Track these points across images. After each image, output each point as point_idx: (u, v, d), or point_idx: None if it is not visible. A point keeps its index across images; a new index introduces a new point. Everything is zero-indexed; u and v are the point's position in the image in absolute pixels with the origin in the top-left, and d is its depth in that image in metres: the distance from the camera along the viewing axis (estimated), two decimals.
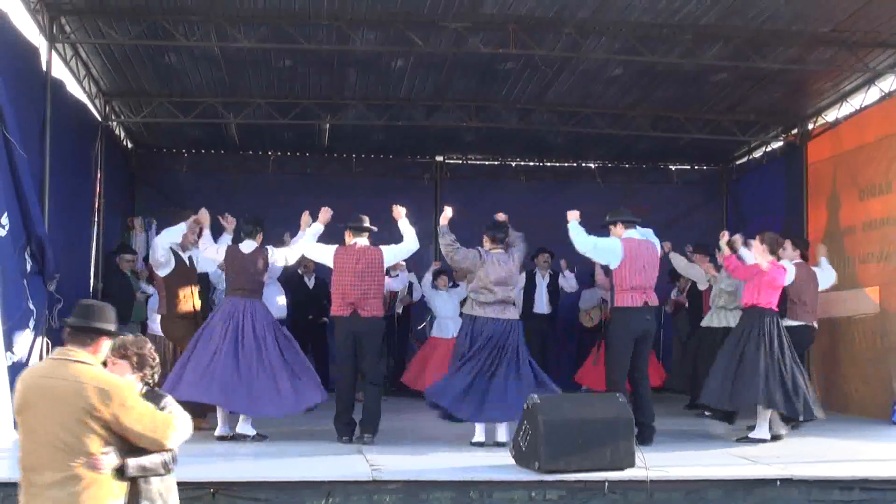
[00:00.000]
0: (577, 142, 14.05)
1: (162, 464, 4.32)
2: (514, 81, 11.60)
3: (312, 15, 9.54)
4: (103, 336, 4.30)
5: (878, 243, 10.50)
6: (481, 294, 8.13)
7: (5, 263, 7.78)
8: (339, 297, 8.31)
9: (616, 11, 9.34)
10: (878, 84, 11.07)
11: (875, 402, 10.44)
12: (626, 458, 6.77)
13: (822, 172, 12.02)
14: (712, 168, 15.46)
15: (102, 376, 4.17)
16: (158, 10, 9.44)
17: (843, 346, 11.13)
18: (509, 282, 8.19)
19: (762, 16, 9.37)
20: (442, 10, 9.39)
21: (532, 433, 6.73)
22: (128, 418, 4.11)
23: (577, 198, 14.59)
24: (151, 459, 4.26)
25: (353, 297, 8.27)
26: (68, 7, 9.39)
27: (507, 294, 8.18)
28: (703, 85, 11.67)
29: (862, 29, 9.68)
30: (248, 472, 6.73)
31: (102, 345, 4.33)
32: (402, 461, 7.09)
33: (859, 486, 6.71)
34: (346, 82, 11.73)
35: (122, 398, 4.11)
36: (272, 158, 14.73)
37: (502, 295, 8.13)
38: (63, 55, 10.27)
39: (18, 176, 8.12)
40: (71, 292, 9.64)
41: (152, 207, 13.94)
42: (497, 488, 6.44)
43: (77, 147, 10.73)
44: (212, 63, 10.99)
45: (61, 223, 9.63)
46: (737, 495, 6.61)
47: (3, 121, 7.86)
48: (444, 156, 15.05)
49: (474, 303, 8.22)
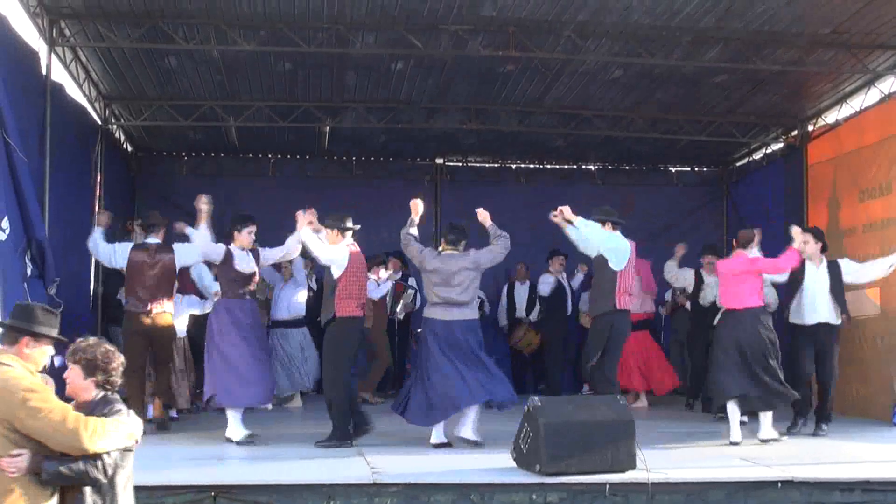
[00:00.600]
0: (577, 144, 14.06)
1: (85, 471, 4.06)
2: (514, 84, 11.60)
3: (312, 18, 9.54)
4: (26, 336, 4.29)
5: (879, 244, 10.48)
6: (428, 295, 8.26)
7: (6, 267, 7.78)
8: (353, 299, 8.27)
9: (616, 14, 9.34)
10: (877, 85, 11.08)
11: (876, 404, 10.43)
12: (627, 460, 6.77)
13: (822, 174, 12.01)
14: (712, 170, 15.46)
15: (6, 376, 4.09)
16: (158, 14, 9.44)
17: (844, 347, 11.09)
18: (452, 282, 8.16)
19: (762, 18, 9.37)
20: (442, 13, 9.39)
21: (533, 435, 6.73)
22: (32, 419, 4.00)
23: (578, 200, 14.57)
24: (72, 466, 4.06)
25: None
26: (68, 11, 9.39)
27: (450, 295, 8.15)
28: (702, 87, 11.67)
29: (861, 30, 9.69)
30: (248, 475, 6.73)
31: (30, 347, 4.31)
32: (402, 464, 7.09)
33: (860, 488, 6.71)
34: (345, 85, 11.74)
35: (25, 398, 4.01)
36: (272, 161, 14.74)
37: (444, 295, 8.14)
38: (63, 59, 10.27)
39: (18, 179, 8.11)
40: (71, 296, 9.66)
41: (152, 210, 13.93)
42: (498, 491, 6.44)
43: (77, 150, 10.74)
44: (212, 66, 11.00)
45: (61, 227, 9.62)
46: (738, 497, 6.61)
47: (3, 124, 7.85)
48: (444, 158, 15.05)
49: (427, 304, 8.36)
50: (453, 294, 8.18)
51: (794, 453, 7.94)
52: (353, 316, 8.21)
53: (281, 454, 7.72)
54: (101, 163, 11.71)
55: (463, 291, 8.17)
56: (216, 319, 8.45)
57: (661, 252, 13.52)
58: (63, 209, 9.79)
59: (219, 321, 8.41)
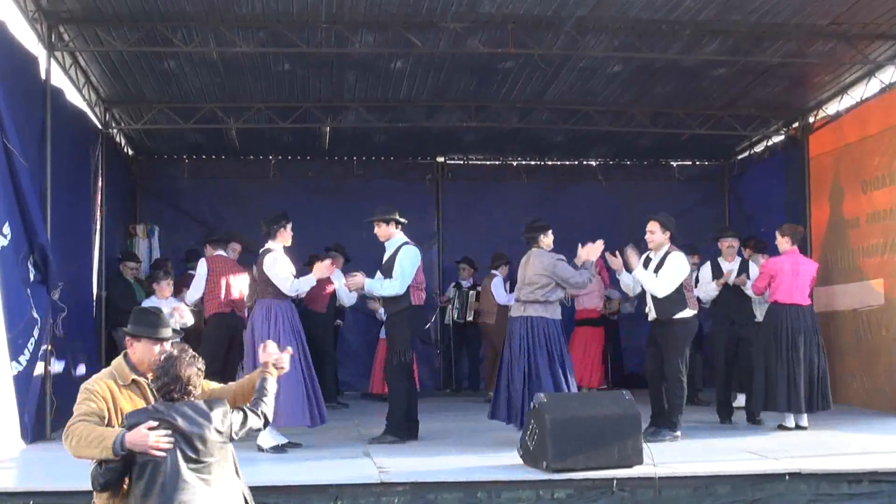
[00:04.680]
0: (577, 140, 14.04)
1: (92, 477, 4.34)
2: (514, 80, 11.58)
3: (311, 18, 9.53)
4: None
5: (882, 235, 10.47)
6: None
7: (8, 273, 7.77)
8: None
9: (614, 8, 9.32)
10: (878, 76, 11.05)
11: (881, 395, 10.42)
12: (633, 455, 6.77)
13: (824, 165, 11.99)
14: (713, 163, 15.45)
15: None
16: (157, 17, 9.42)
17: (849, 338, 11.11)
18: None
19: (761, 10, 9.35)
20: (440, 11, 9.38)
21: (539, 432, 6.72)
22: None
23: (579, 196, 14.71)
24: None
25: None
26: (66, 15, 9.38)
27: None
28: (702, 80, 11.65)
29: (861, 21, 9.66)
30: (255, 476, 6.70)
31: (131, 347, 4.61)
32: (409, 463, 7.09)
33: (868, 479, 6.71)
34: (345, 85, 11.73)
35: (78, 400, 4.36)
36: (273, 162, 14.72)
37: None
38: (62, 63, 10.26)
39: (19, 185, 8.10)
40: (74, 301, 9.65)
41: (154, 214, 13.98)
42: (505, 488, 6.43)
43: (77, 155, 10.73)
44: (211, 68, 10.99)
45: (63, 231, 9.61)
46: (745, 490, 6.61)
47: (4, 130, 7.84)
48: (445, 156, 15.04)
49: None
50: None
51: (802, 446, 7.94)
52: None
53: (287, 455, 7.73)
54: (102, 167, 11.70)
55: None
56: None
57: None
58: (65, 214, 9.78)
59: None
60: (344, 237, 12.29)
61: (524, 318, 8.18)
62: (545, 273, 8.15)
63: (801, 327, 9.10)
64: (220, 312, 9.46)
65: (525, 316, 8.19)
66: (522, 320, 8.19)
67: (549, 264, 8.17)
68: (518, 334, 8.15)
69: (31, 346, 8.12)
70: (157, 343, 4.56)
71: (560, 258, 8.25)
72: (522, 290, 8.28)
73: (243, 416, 4.38)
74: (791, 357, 9.00)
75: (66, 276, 9.24)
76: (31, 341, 8.12)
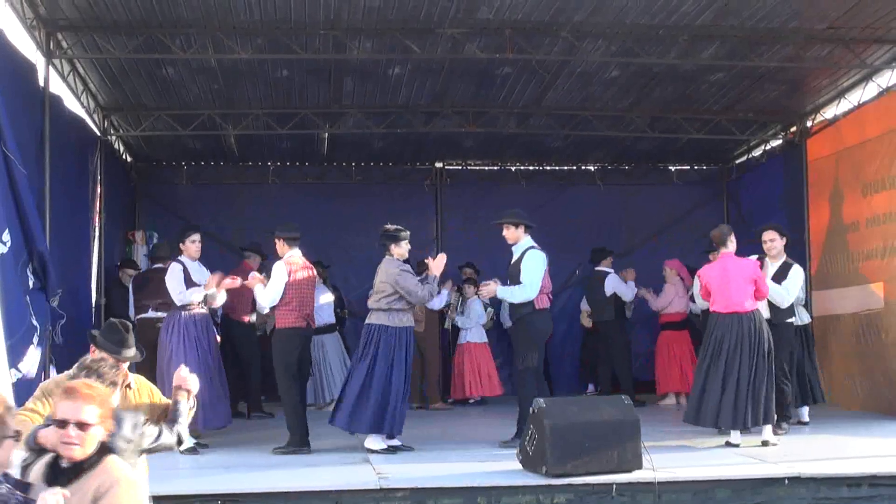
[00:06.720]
0: (576, 144, 14.06)
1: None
2: (512, 86, 11.60)
3: (309, 25, 9.54)
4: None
5: (882, 239, 10.48)
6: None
7: (8, 280, 7.77)
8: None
9: (612, 14, 9.34)
10: (875, 80, 11.07)
11: (881, 398, 10.42)
12: (633, 459, 6.77)
13: (823, 169, 12.00)
14: (712, 168, 15.45)
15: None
16: (155, 24, 9.44)
17: (849, 341, 11.11)
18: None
19: (758, 14, 9.37)
20: (438, 17, 9.39)
21: (538, 437, 6.73)
22: None
23: (578, 200, 14.72)
24: None
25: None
26: (64, 23, 9.39)
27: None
28: (700, 85, 11.67)
29: (858, 25, 9.68)
30: (255, 482, 6.72)
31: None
32: (408, 468, 7.09)
33: (867, 483, 6.71)
34: (343, 91, 11.73)
35: None
36: (272, 168, 14.72)
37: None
38: (60, 71, 10.27)
39: (18, 192, 8.10)
40: (73, 308, 9.66)
41: (153, 220, 13.97)
42: (504, 493, 6.44)
43: (76, 162, 10.74)
44: (209, 75, 11.00)
45: (62, 238, 9.62)
46: (745, 495, 6.61)
47: (2, 137, 7.85)
48: (444, 162, 15.03)
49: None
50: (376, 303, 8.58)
51: (801, 450, 7.94)
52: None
53: (287, 461, 7.73)
54: (101, 174, 11.71)
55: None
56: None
57: (662, 251, 13.55)
58: (63, 221, 9.79)
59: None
60: (342, 242, 12.31)
61: (366, 326, 8.40)
62: (388, 282, 8.24)
63: (737, 338, 8.28)
64: (295, 326, 8.62)
65: (367, 323, 8.41)
66: (366, 328, 8.40)
67: (393, 274, 8.23)
68: (361, 341, 8.36)
69: (32, 354, 8.12)
70: (118, 362, 4.63)
71: (406, 269, 8.33)
72: (370, 298, 8.50)
73: (158, 433, 4.42)
74: (725, 371, 8.28)
75: (66, 283, 9.25)
76: (32, 348, 8.13)
